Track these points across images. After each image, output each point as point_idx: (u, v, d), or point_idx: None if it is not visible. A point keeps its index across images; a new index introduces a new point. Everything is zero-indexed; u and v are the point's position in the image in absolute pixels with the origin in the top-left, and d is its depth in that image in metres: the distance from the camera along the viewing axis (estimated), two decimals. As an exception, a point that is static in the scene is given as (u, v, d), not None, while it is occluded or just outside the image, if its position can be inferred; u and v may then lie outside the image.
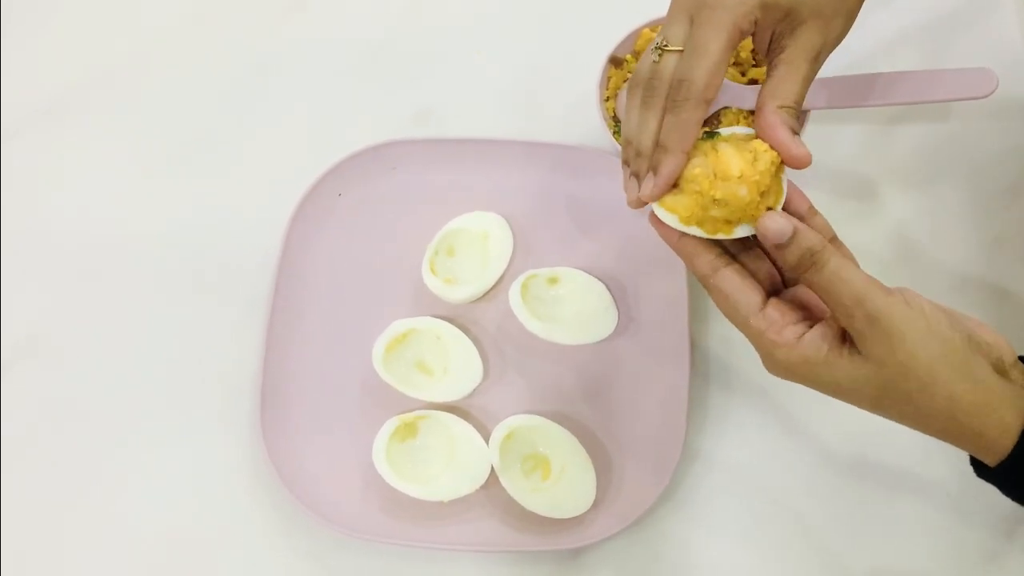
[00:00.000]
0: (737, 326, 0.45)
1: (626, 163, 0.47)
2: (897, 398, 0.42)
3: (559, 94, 0.71)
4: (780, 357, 0.43)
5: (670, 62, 0.45)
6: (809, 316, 0.45)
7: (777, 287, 0.47)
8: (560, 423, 0.60)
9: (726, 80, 0.62)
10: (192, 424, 0.62)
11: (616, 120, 0.64)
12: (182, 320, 0.65)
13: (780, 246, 0.43)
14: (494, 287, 0.64)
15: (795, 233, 0.42)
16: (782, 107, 0.45)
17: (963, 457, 0.60)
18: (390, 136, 0.67)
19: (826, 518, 0.59)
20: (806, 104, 0.61)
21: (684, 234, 0.46)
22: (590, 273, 0.64)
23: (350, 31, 0.75)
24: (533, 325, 0.61)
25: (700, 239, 0.45)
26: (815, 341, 0.43)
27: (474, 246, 0.64)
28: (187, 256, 0.67)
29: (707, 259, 0.45)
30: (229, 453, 0.61)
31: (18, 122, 0.72)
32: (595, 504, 0.58)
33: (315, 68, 0.74)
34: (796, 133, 0.45)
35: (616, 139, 0.63)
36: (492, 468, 0.58)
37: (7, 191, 0.70)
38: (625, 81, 0.65)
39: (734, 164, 0.46)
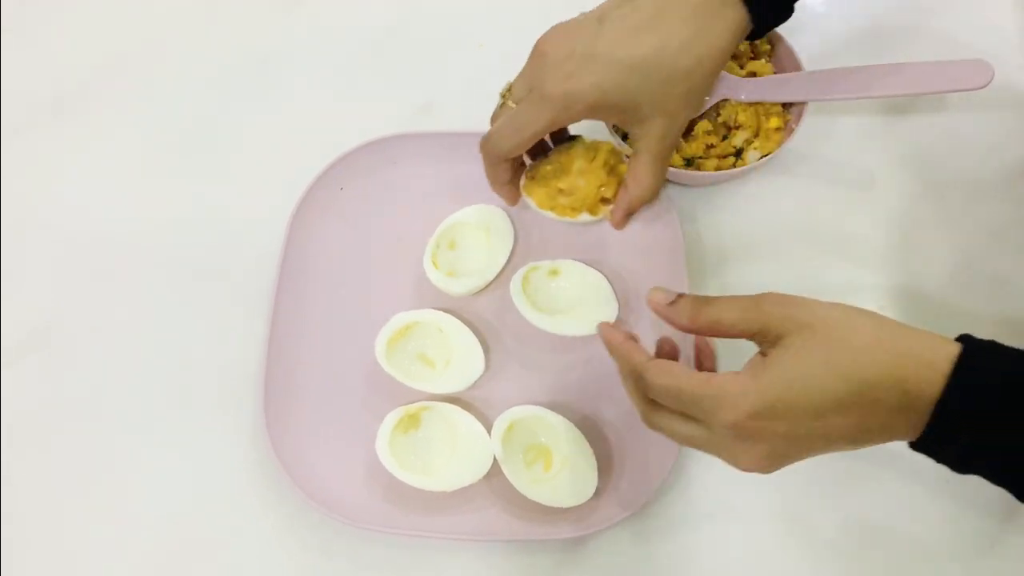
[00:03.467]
0: (683, 392, 0.44)
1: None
2: (840, 348, 0.41)
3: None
4: (736, 391, 0.42)
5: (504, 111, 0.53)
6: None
7: None
8: (561, 414, 0.60)
9: (724, 72, 0.62)
10: (197, 416, 0.63)
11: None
12: (186, 314, 0.66)
13: (671, 305, 0.47)
14: (495, 280, 0.65)
15: (677, 297, 0.47)
16: (638, 199, 0.53)
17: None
18: (393, 130, 0.67)
19: (825, 506, 0.59)
20: (805, 97, 0.62)
21: (623, 339, 0.48)
22: (590, 265, 0.64)
23: (352, 25, 0.76)
24: (534, 317, 0.61)
25: (632, 338, 0.49)
26: (751, 367, 0.43)
27: (475, 239, 0.65)
28: (190, 250, 0.68)
29: (643, 354, 0.47)
30: (234, 446, 0.62)
31: (22, 118, 0.73)
32: (596, 494, 0.58)
33: (317, 62, 0.74)
34: (631, 214, 0.55)
35: (614, 133, 0.64)
36: (494, 459, 0.58)
37: (10, 186, 0.70)
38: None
39: (576, 162, 0.57)
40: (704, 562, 0.58)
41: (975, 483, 0.58)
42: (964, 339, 0.41)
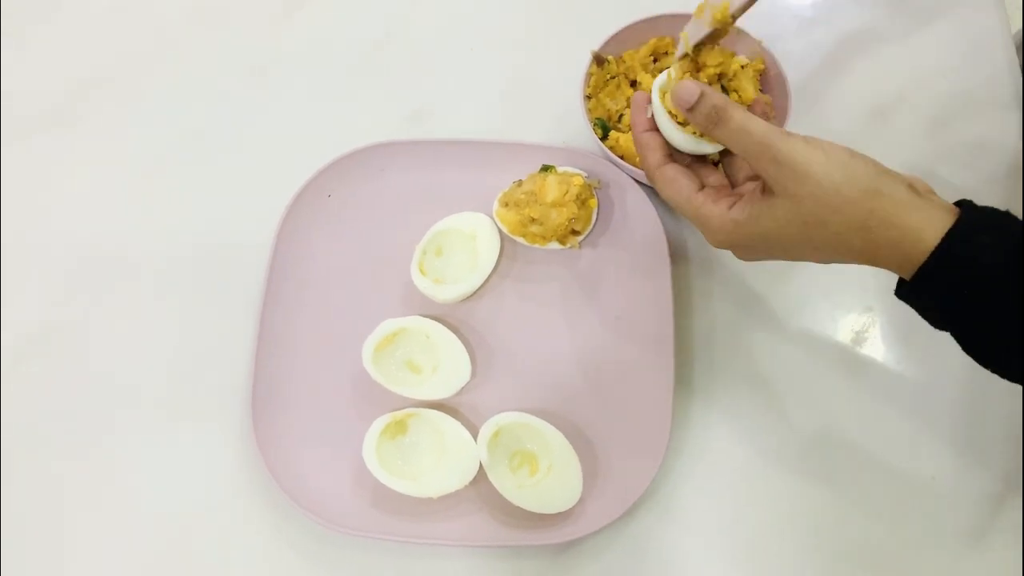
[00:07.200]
0: (680, 207, 0.52)
1: None
2: (816, 226, 0.46)
3: (547, 96, 0.72)
4: (715, 225, 0.50)
5: None
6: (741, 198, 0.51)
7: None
8: (547, 420, 0.60)
9: None
10: (185, 422, 0.63)
11: (599, 123, 0.65)
12: (174, 320, 0.66)
13: (691, 109, 0.49)
14: (482, 287, 0.65)
15: (702, 95, 0.48)
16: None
17: (946, 438, 0.60)
18: (383, 136, 0.67)
19: (810, 507, 0.60)
20: None
21: (648, 130, 0.53)
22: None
23: (344, 33, 0.76)
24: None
25: (660, 138, 0.53)
26: (741, 206, 0.49)
27: (462, 246, 0.65)
28: (180, 257, 0.68)
29: (659, 156, 0.53)
30: (222, 451, 0.62)
31: (18, 126, 0.73)
32: (582, 499, 0.58)
33: (308, 70, 0.75)
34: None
35: (596, 133, 0.64)
36: (481, 464, 0.59)
37: (6, 194, 0.70)
38: (607, 81, 0.66)
39: (551, 192, 0.61)
40: (690, 566, 0.59)
41: (962, 480, 0.59)
42: (959, 218, 0.44)
